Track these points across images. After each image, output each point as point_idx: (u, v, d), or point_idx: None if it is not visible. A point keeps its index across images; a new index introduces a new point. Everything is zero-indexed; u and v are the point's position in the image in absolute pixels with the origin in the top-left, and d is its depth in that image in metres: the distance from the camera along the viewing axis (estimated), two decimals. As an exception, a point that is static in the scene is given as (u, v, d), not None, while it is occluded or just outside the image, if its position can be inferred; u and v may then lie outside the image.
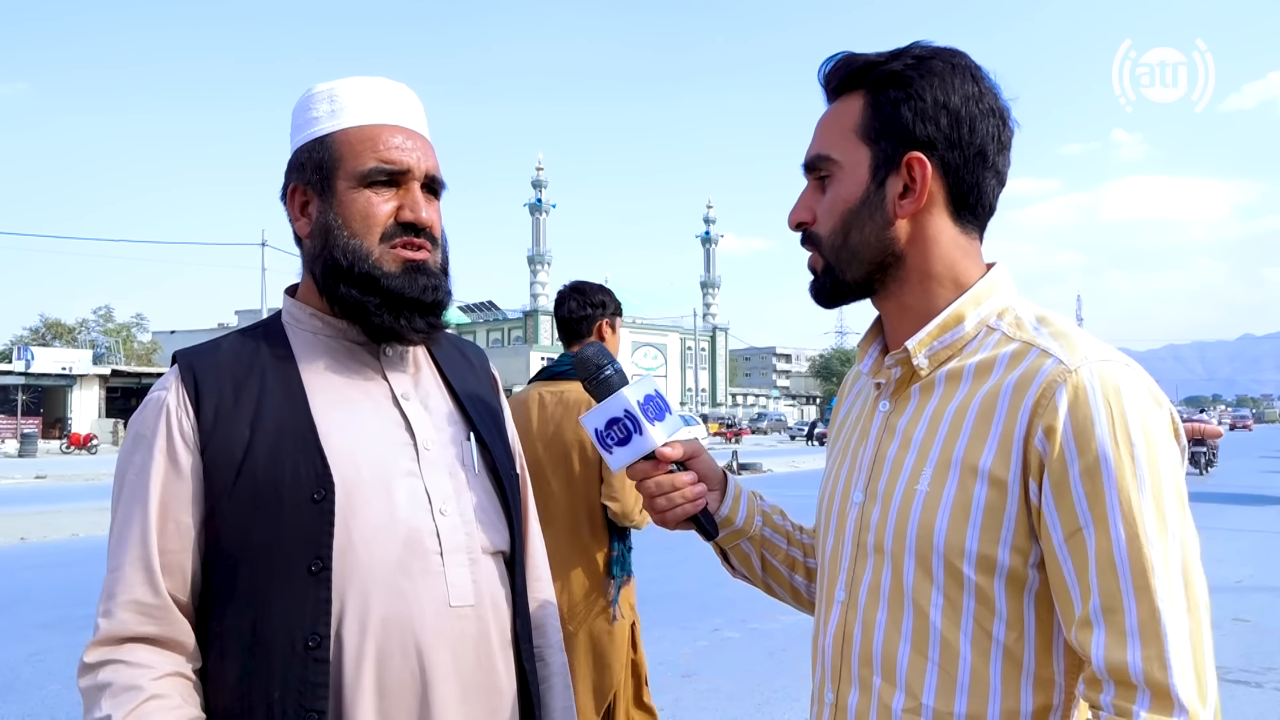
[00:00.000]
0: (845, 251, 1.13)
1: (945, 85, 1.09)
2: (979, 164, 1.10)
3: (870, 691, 1.09)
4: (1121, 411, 0.97)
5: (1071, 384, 0.98)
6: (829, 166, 1.14)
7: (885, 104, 1.10)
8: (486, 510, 1.34)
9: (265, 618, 1.18)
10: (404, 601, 1.21)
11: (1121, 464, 0.95)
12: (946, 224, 1.12)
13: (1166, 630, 0.92)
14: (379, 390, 1.32)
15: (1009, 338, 1.08)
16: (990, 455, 1.02)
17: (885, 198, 1.10)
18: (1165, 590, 0.93)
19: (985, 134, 1.10)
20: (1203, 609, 0.95)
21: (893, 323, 1.17)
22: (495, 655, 1.30)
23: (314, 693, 1.16)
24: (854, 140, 1.12)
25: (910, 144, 1.09)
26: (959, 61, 1.11)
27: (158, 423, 1.22)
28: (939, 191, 1.10)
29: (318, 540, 1.18)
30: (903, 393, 1.14)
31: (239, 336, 1.33)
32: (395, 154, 1.28)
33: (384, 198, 1.28)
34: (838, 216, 1.13)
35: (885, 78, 1.10)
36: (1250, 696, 5.23)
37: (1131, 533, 0.94)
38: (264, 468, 1.20)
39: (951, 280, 1.12)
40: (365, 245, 1.27)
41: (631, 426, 1.21)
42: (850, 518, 1.16)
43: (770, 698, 5.21)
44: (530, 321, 74.42)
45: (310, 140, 1.30)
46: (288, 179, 1.33)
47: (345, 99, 1.30)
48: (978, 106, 1.09)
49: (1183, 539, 0.96)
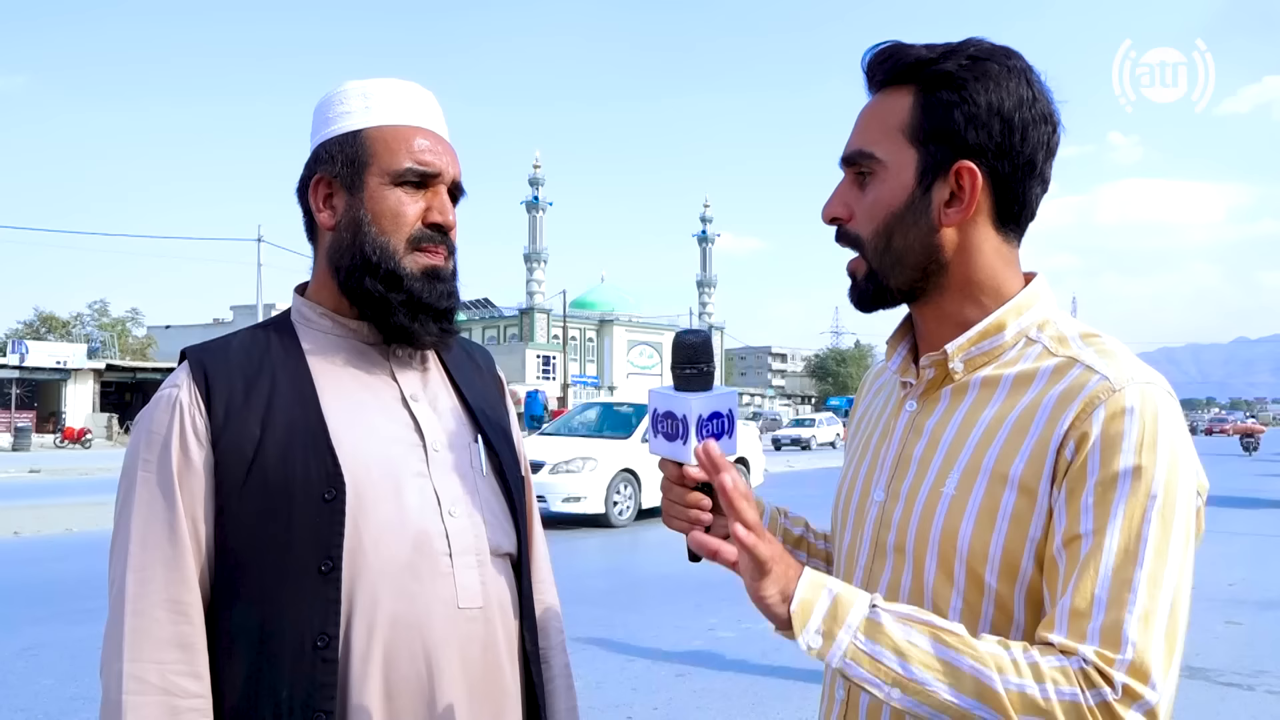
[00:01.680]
0: (889, 256, 1.09)
1: (1000, 89, 1.04)
2: (1028, 173, 1.07)
3: None
4: (1154, 434, 0.96)
5: (1114, 401, 0.97)
6: (871, 164, 1.09)
7: (937, 106, 1.05)
8: (494, 512, 1.34)
9: (274, 617, 1.18)
10: (413, 602, 1.21)
11: (1138, 484, 0.94)
12: (990, 233, 1.09)
13: (1127, 626, 0.90)
14: (389, 391, 1.32)
15: (1051, 353, 1.06)
16: (1021, 464, 1.00)
17: (931, 204, 1.07)
18: (1134, 607, 0.90)
19: (1036, 142, 1.06)
20: (1179, 640, 0.92)
21: (928, 326, 1.15)
22: (502, 657, 1.30)
23: (322, 693, 1.16)
24: (900, 140, 1.07)
25: (961, 150, 1.05)
26: (1014, 64, 1.06)
27: (171, 419, 1.22)
28: (985, 201, 1.08)
29: (328, 540, 1.19)
30: (932, 394, 1.13)
31: (249, 334, 1.33)
32: (429, 156, 1.30)
33: (413, 198, 1.29)
34: (880, 220, 1.09)
35: (938, 77, 1.06)
36: (1242, 699, 5.25)
37: (1127, 549, 0.93)
38: (275, 466, 1.20)
39: (993, 289, 1.10)
40: (393, 244, 1.28)
41: (682, 430, 1.14)
42: (870, 516, 1.15)
43: (764, 697, 5.22)
44: (526, 319, 74.33)
45: (342, 134, 1.30)
46: (310, 169, 1.33)
47: (379, 97, 1.31)
48: (1030, 112, 1.05)
49: (1178, 574, 0.93)
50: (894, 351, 1.21)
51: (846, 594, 0.97)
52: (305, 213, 1.35)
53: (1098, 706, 0.88)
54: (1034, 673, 0.90)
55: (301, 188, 1.34)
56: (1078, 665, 0.89)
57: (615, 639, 6.45)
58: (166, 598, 1.17)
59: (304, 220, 1.36)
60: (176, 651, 1.16)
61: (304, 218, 1.35)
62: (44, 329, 54.03)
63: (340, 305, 1.32)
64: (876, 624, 0.94)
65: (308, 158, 1.34)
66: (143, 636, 1.15)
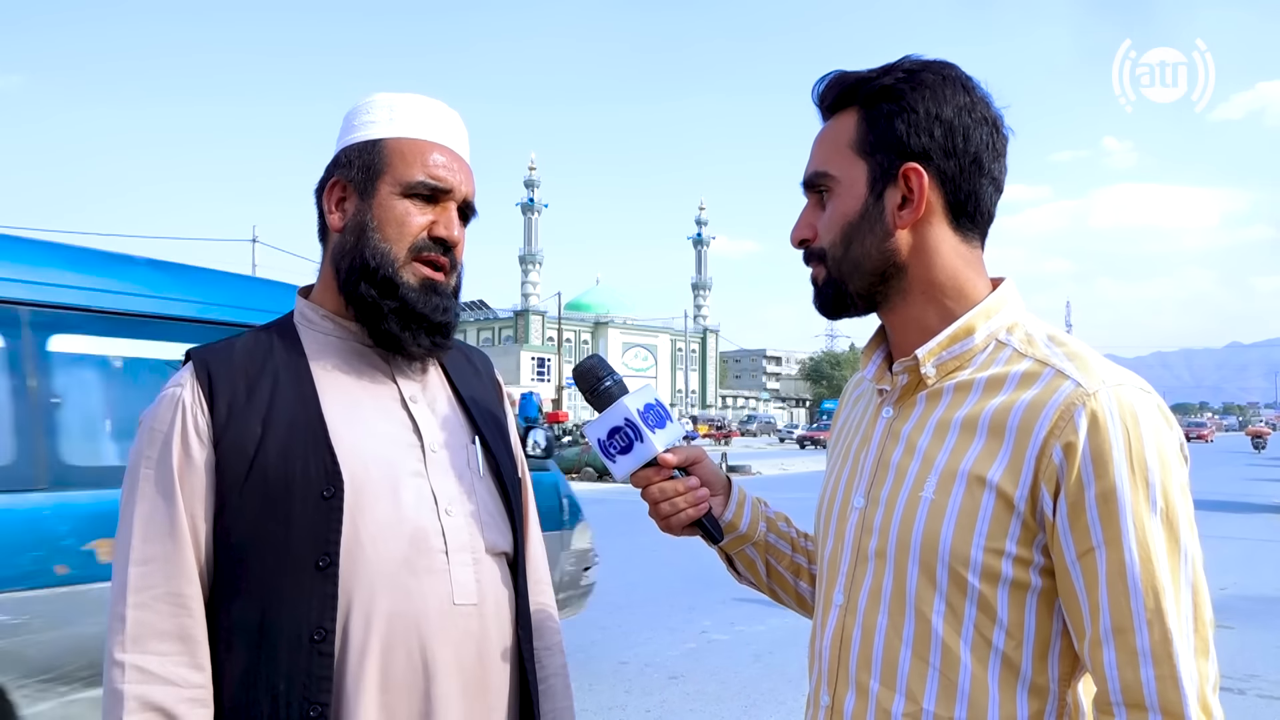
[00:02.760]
0: (847, 263, 1.14)
1: (937, 96, 1.10)
2: (975, 172, 1.12)
3: (867, 695, 1.10)
4: (1139, 437, 0.99)
5: (1090, 408, 1.00)
6: (827, 182, 1.15)
7: (879, 118, 1.11)
8: (490, 512, 1.36)
9: (272, 612, 1.20)
10: (409, 598, 1.23)
11: (1137, 489, 0.98)
12: (947, 233, 1.13)
13: (1178, 652, 0.95)
14: (388, 393, 1.34)
15: (1020, 354, 1.09)
16: (1000, 469, 1.03)
17: (884, 210, 1.12)
18: (1175, 611, 0.96)
19: (979, 142, 1.11)
20: (1209, 624, 0.98)
21: (897, 333, 1.18)
22: (496, 654, 1.32)
23: (318, 685, 1.18)
24: (850, 156, 1.13)
25: (906, 155, 1.10)
26: (949, 73, 1.12)
27: (174, 418, 1.24)
28: (937, 201, 1.12)
29: (326, 537, 1.21)
30: (908, 400, 1.15)
31: (252, 335, 1.35)
32: (442, 172, 1.32)
33: (421, 211, 1.32)
34: (838, 230, 1.14)
35: (877, 92, 1.12)
36: (1233, 703, 5.27)
37: (1145, 554, 0.97)
38: (275, 464, 1.22)
39: (955, 290, 1.13)
40: (394, 252, 1.30)
41: (633, 434, 1.22)
42: (850, 522, 1.17)
43: (757, 700, 5.23)
44: (521, 321, 74.37)
45: (363, 141, 1.33)
46: (329, 172, 1.36)
47: (405, 111, 1.34)
48: (970, 116, 1.11)
49: (1193, 556, 0.99)
50: (869, 360, 1.24)
51: None
52: (320, 214, 1.37)
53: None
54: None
55: (320, 189, 1.37)
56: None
57: (608, 641, 6.46)
58: (167, 591, 1.19)
59: (318, 221, 1.38)
60: (177, 643, 1.18)
61: (318, 219, 1.38)
62: (37, 328, 53.81)
63: (341, 308, 1.34)
64: None
65: (329, 161, 1.37)
66: (144, 628, 1.17)
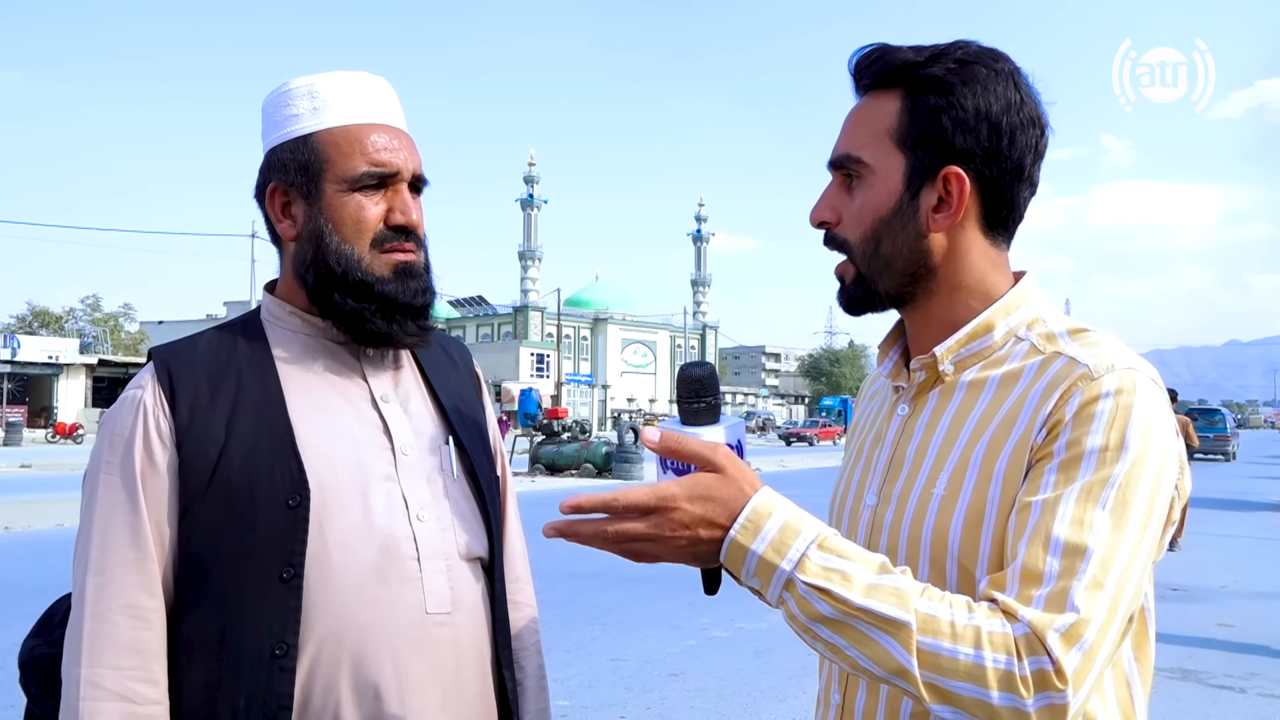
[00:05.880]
0: (877, 261, 1.09)
1: (988, 93, 1.04)
2: (1016, 177, 1.07)
3: (878, 694, 1.08)
4: (1126, 413, 0.94)
5: (1090, 388, 0.96)
6: (858, 168, 1.09)
7: (924, 111, 1.05)
8: (465, 516, 1.31)
9: (234, 624, 1.16)
10: (380, 609, 1.19)
11: (1104, 459, 0.93)
12: (978, 238, 1.09)
13: (1075, 600, 0.87)
14: (358, 392, 1.30)
15: (1038, 350, 1.05)
16: (1005, 461, 0.99)
17: (919, 209, 1.06)
18: (1089, 576, 0.88)
19: (1024, 146, 1.06)
20: (1120, 615, 0.89)
21: (917, 330, 1.14)
22: (473, 662, 1.27)
23: (278, 702, 1.14)
24: (888, 144, 1.07)
25: (948, 155, 1.04)
26: (1002, 67, 1.06)
27: (135, 422, 1.20)
28: (973, 206, 1.07)
29: (290, 547, 1.16)
30: (923, 397, 1.12)
31: (216, 333, 1.31)
32: (385, 156, 1.26)
33: (373, 200, 1.26)
34: (868, 224, 1.08)
35: (926, 81, 1.05)
36: (1234, 702, 5.25)
37: (1079, 517, 0.90)
38: (239, 471, 1.18)
39: (981, 292, 1.10)
40: (356, 251, 1.25)
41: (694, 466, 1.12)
42: (862, 520, 1.14)
43: (757, 697, 5.21)
44: (520, 317, 74.30)
45: (292, 139, 1.27)
46: (265, 177, 1.30)
47: (326, 95, 1.27)
48: (1018, 116, 1.05)
49: (1131, 552, 0.91)
50: (885, 356, 1.21)
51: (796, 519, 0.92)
52: (265, 218, 1.32)
53: (1032, 675, 0.85)
54: (973, 637, 0.86)
55: (258, 193, 1.31)
56: (1020, 631, 0.86)
57: (608, 637, 6.44)
58: (125, 602, 1.15)
59: (265, 224, 1.33)
60: (134, 657, 1.14)
61: (265, 222, 1.33)
62: (36, 324, 53.89)
63: (309, 305, 1.30)
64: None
65: (261, 162, 1.31)
66: (101, 641, 1.13)
